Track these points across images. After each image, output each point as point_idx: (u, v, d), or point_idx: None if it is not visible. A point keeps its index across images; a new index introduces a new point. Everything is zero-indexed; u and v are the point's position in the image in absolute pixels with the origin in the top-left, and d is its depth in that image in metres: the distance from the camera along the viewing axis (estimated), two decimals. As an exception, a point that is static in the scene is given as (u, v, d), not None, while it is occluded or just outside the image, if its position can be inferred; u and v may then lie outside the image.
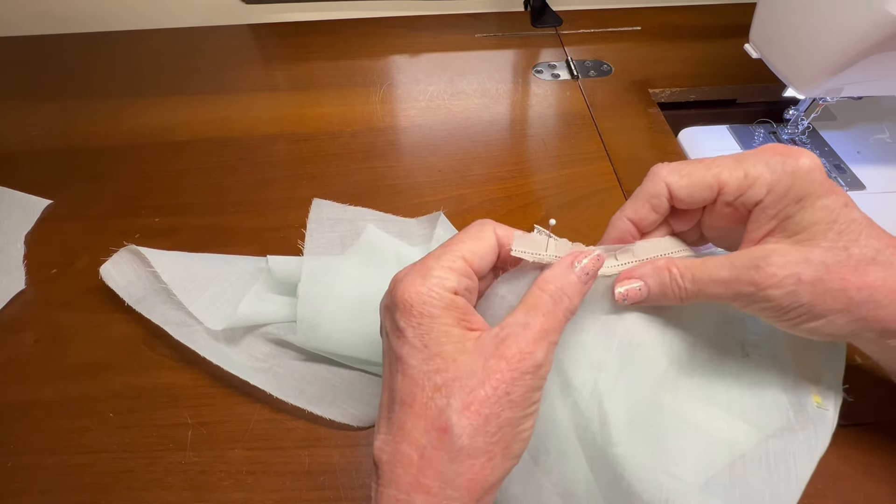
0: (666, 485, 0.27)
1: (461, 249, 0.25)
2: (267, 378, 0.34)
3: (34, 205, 0.46)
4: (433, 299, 0.23)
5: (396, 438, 0.22)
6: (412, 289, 0.23)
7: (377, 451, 0.22)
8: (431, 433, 0.21)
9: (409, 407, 0.22)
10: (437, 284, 0.23)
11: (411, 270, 0.24)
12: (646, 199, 0.27)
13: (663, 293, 0.27)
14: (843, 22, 0.36)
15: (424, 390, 0.22)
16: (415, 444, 0.21)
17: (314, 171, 0.49)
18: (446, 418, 0.21)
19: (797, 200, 0.25)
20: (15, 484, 0.31)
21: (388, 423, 0.23)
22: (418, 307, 0.23)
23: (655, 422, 0.29)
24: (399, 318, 0.23)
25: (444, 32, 0.67)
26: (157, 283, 0.37)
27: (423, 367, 0.22)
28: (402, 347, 0.23)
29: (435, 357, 0.22)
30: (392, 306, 0.23)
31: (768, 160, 0.25)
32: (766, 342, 0.32)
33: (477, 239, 0.25)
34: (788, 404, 0.30)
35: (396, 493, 0.21)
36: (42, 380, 0.35)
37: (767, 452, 0.28)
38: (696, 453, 0.28)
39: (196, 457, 0.32)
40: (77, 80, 0.60)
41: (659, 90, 0.58)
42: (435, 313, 0.23)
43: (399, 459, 0.21)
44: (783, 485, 0.27)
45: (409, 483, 0.21)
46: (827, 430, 0.29)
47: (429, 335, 0.22)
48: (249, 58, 0.64)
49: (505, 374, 0.22)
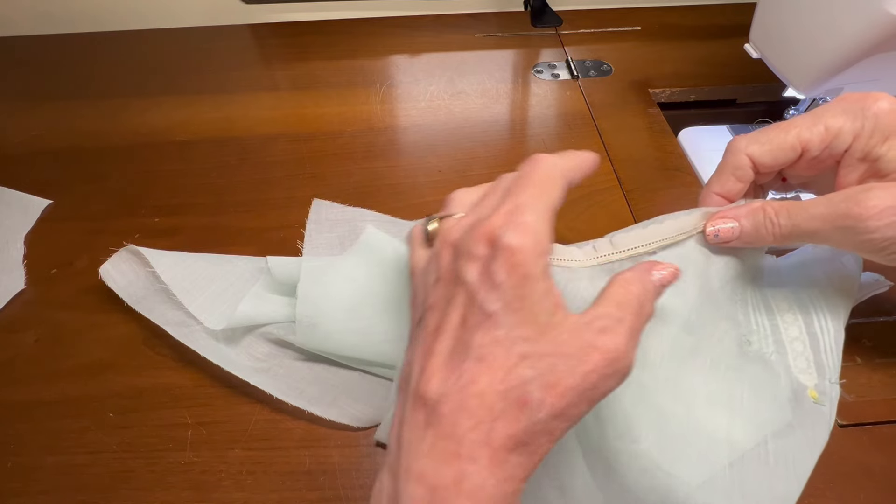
0: (663, 481, 0.27)
1: (552, 199, 0.23)
2: (267, 378, 0.34)
3: (34, 205, 0.46)
4: (541, 260, 0.21)
5: (466, 392, 0.20)
6: (523, 243, 0.21)
7: (434, 394, 0.20)
8: (510, 401, 0.20)
9: (488, 365, 0.20)
10: (545, 246, 0.21)
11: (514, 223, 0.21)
12: (730, 173, 0.28)
13: (757, 231, 0.27)
14: (843, 22, 0.36)
15: (510, 355, 0.20)
16: (487, 405, 0.20)
17: (314, 171, 0.49)
18: (528, 392, 0.20)
19: (885, 139, 0.25)
20: (15, 484, 0.31)
21: (452, 371, 0.21)
22: (526, 267, 0.21)
23: (652, 418, 0.29)
24: (501, 271, 0.21)
25: (444, 32, 0.66)
26: (157, 283, 0.37)
27: (514, 330, 0.20)
28: (495, 302, 0.20)
29: (528, 323, 0.20)
30: (492, 256, 0.21)
31: (846, 108, 0.26)
32: (764, 337, 0.32)
33: (557, 186, 0.23)
34: (786, 400, 0.30)
35: (457, 448, 0.20)
36: (42, 380, 0.35)
37: (766, 450, 0.28)
38: (694, 452, 0.28)
39: (196, 457, 0.32)
40: (77, 80, 0.60)
41: (659, 90, 0.58)
42: (538, 276, 0.21)
43: (468, 414, 0.20)
44: (782, 482, 0.27)
45: (475, 441, 0.20)
46: (824, 425, 0.29)
47: (527, 298, 0.21)
48: (249, 58, 0.64)
49: (598, 370, 0.20)
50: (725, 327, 0.31)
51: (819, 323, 0.31)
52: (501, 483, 0.20)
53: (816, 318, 0.32)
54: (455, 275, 0.22)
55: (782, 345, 0.31)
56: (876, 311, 0.37)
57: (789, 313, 0.32)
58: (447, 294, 0.23)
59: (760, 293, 0.32)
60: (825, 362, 0.31)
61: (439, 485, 0.19)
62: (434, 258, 0.24)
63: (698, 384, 0.30)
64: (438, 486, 0.19)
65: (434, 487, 0.19)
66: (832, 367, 0.31)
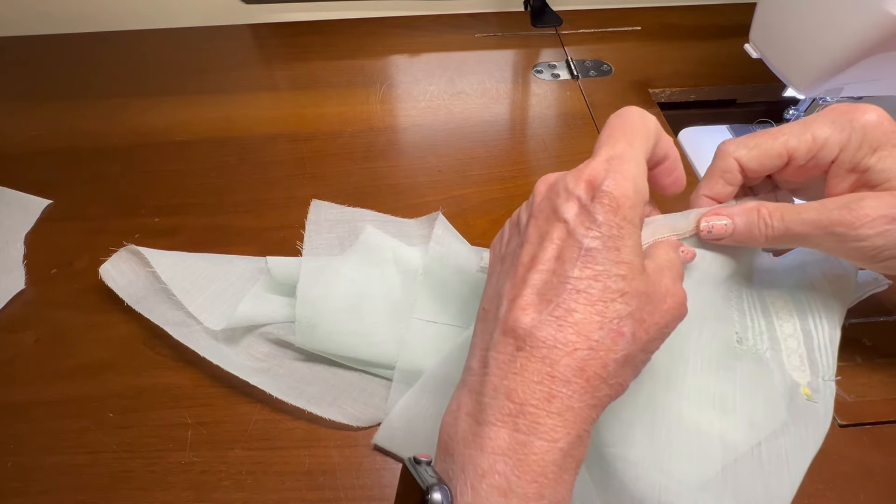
0: (659, 483, 0.27)
1: (644, 155, 0.24)
2: (267, 378, 0.34)
3: (34, 205, 0.46)
4: (639, 207, 0.22)
5: (562, 322, 0.21)
6: (624, 189, 0.22)
7: (528, 325, 0.22)
8: (606, 331, 0.21)
9: (586, 297, 0.21)
10: (643, 195, 0.23)
11: (617, 169, 0.23)
12: (718, 176, 0.29)
13: (749, 231, 0.28)
14: (843, 22, 0.36)
15: (607, 289, 0.21)
16: (585, 335, 0.21)
17: (314, 171, 0.49)
18: (624, 324, 0.21)
19: (873, 151, 0.26)
20: (15, 484, 0.31)
21: (546, 303, 0.22)
22: (626, 210, 0.22)
23: (649, 420, 0.29)
24: (600, 211, 0.22)
25: (444, 32, 0.66)
26: (157, 283, 0.37)
27: (612, 268, 0.22)
28: (595, 240, 0.22)
29: (623, 263, 0.22)
30: (591, 199, 0.22)
31: (834, 119, 0.26)
32: (759, 335, 0.32)
33: (651, 136, 0.25)
34: (780, 398, 0.30)
35: (550, 371, 0.21)
36: (42, 380, 0.35)
37: (760, 449, 0.28)
38: (690, 453, 0.28)
39: (196, 457, 0.32)
40: (77, 80, 0.60)
41: (659, 90, 0.58)
42: (636, 222, 0.22)
43: (563, 342, 0.21)
44: (775, 479, 0.27)
45: (570, 367, 0.21)
46: (819, 424, 0.29)
47: (624, 240, 0.22)
48: (249, 58, 0.64)
49: (672, 311, 0.23)
50: (719, 327, 0.31)
51: (814, 320, 0.31)
52: (588, 408, 0.21)
53: (811, 316, 0.32)
54: (552, 212, 0.23)
55: (777, 342, 0.31)
56: (876, 311, 0.37)
57: (784, 311, 0.32)
58: (542, 230, 0.24)
59: (756, 292, 0.33)
60: (819, 360, 0.31)
61: (528, 401, 0.21)
62: (527, 203, 0.26)
63: (691, 385, 0.30)
64: (527, 401, 0.21)
65: (523, 402, 0.21)
66: (826, 364, 0.31)
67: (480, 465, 0.20)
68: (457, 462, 0.21)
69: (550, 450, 0.20)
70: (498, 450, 0.20)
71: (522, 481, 0.20)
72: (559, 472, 0.20)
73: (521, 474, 0.20)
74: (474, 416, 0.22)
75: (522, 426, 0.20)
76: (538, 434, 0.20)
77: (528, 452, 0.20)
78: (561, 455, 0.20)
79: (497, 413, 0.21)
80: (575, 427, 0.21)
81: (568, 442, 0.21)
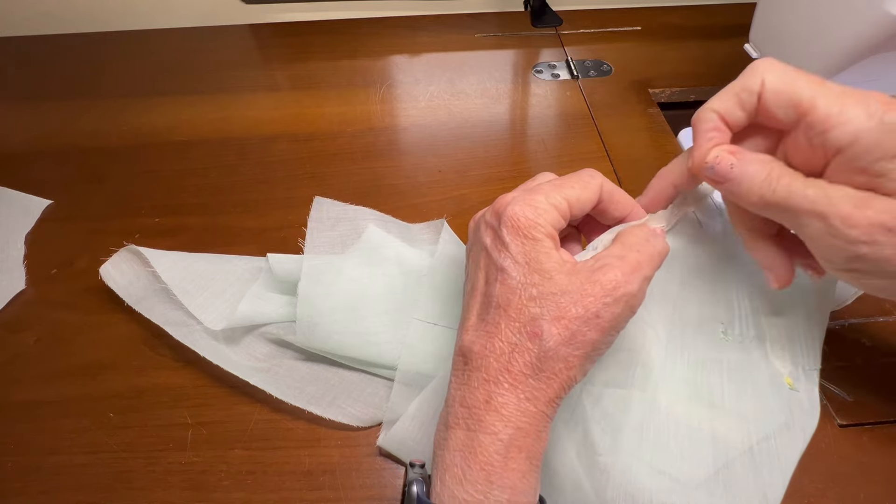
0: (653, 483, 0.27)
1: (568, 194, 0.26)
2: (267, 378, 0.34)
3: (34, 205, 0.46)
4: (539, 226, 0.25)
5: (490, 334, 0.25)
6: (521, 213, 0.25)
7: (468, 343, 0.26)
8: (523, 334, 0.24)
9: (505, 311, 0.25)
10: (543, 216, 0.25)
11: (521, 198, 0.26)
12: (736, 92, 0.26)
13: (749, 185, 0.25)
14: (843, 22, 0.36)
15: (521, 298, 0.25)
16: (507, 341, 0.24)
17: (314, 171, 0.49)
18: (538, 324, 0.24)
19: (894, 156, 0.22)
20: (15, 484, 0.31)
21: (482, 322, 0.26)
22: (525, 230, 0.25)
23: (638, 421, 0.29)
24: (506, 234, 0.25)
25: (444, 32, 0.66)
26: (157, 283, 0.37)
27: (523, 279, 0.25)
28: (505, 260, 0.25)
29: (534, 273, 0.25)
30: (498, 224, 0.26)
31: (870, 103, 0.23)
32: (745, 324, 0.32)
33: (585, 188, 0.27)
34: (766, 387, 0.30)
35: (485, 376, 0.24)
36: (42, 380, 0.35)
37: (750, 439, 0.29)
38: (682, 451, 0.28)
39: (196, 457, 0.32)
40: (77, 80, 0.60)
41: (659, 90, 0.58)
42: (539, 237, 0.25)
43: (491, 350, 0.25)
44: (766, 469, 0.28)
45: (498, 369, 0.24)
46: (807, 415, 0.29)
47: (531, 254, 0.25)
48: (249, 58, 0.64)
49: (598, 299, 0.24)
50: (705, 319, 0.31)
51: (797, 309, 0.31)
52: (523, 402, 0.24)
53: (794, 304, 0.31)
54: (477, 242, 0.28)
55: (761, 330, 0.31)
56: (876, 311, 0.37)
57: (768, 301, 0.32)
58: (475, 261, 0.28)
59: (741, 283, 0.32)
60: (800, 350, 0.31)
61: (474, 404, 0.24)
62: None
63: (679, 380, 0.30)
64: (474, 405, 0.24)
65: (471, 406, 0.24)
66: (807, 355, 0.31)
67: (445, 461, 0.24)
68: (436, 462, 0.25)
69: (493, 442, 0.23)
70: (456, 447, 0.24)
71: (472, 470, 0.23)
72: (504, 460, 0.23)
73: (471, 464, 0.23)
74: (444, 423, 0.26)
75: (472, 425, 0.24)
76: (482, 430, 0.24)
77: (476, 446, 0.24)
78: (503, 446, 0.23)
79: (455, 418, 0.25)
80: (513, 420, 0.24)
81: (508, 434, 0.23)
